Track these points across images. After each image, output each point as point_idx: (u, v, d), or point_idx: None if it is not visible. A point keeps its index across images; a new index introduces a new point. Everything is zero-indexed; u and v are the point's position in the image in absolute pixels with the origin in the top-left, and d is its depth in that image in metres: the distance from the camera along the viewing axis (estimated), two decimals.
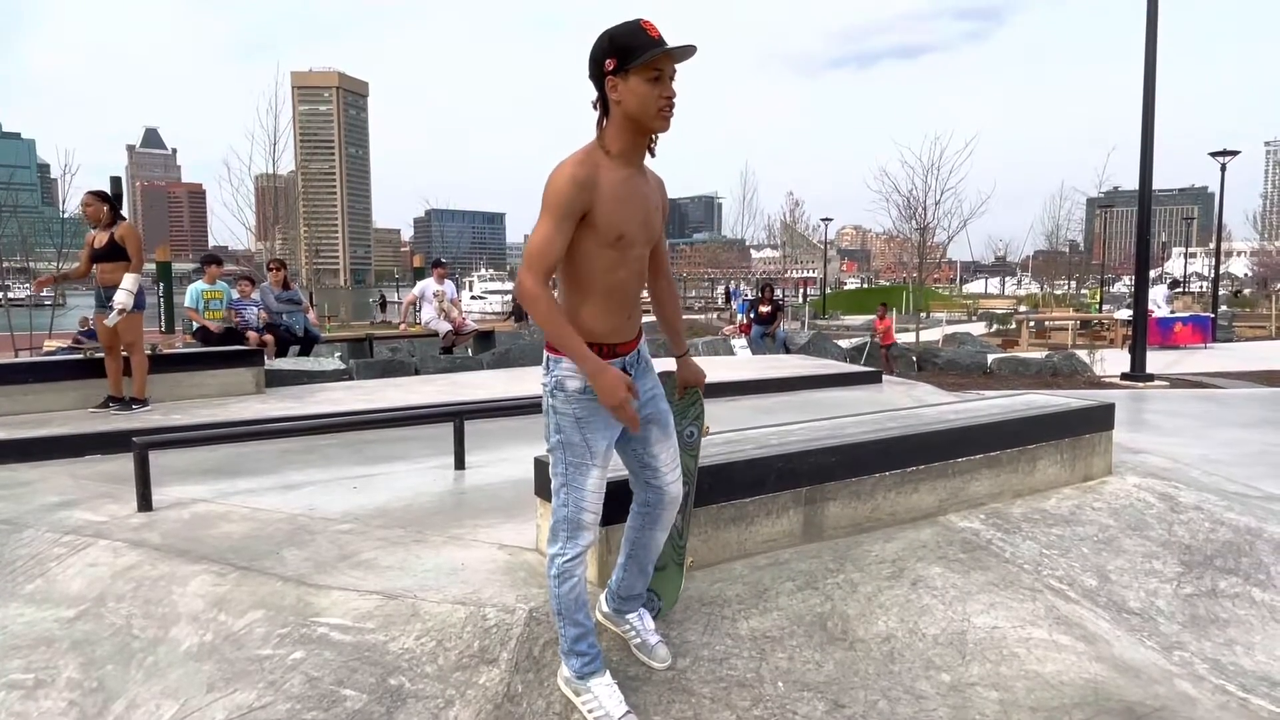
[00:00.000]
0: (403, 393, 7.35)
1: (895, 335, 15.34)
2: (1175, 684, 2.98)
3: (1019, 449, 4.30)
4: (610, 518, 2.83)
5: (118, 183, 15.89)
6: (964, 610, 3.23)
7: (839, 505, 3.63)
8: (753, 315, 14.54)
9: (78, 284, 9.37)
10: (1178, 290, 30.69)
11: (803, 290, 50.25)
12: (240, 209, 22.77)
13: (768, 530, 3.43)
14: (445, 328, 11.83)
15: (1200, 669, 3.11)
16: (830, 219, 52.78)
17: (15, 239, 20.00)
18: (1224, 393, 11.72)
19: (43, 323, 18.64)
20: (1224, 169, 27.01)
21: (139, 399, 6.36)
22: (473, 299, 39.49)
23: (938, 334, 22.15)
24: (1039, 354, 15.16)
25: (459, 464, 4.92)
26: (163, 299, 16.78)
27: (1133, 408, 10.45)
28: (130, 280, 6.19)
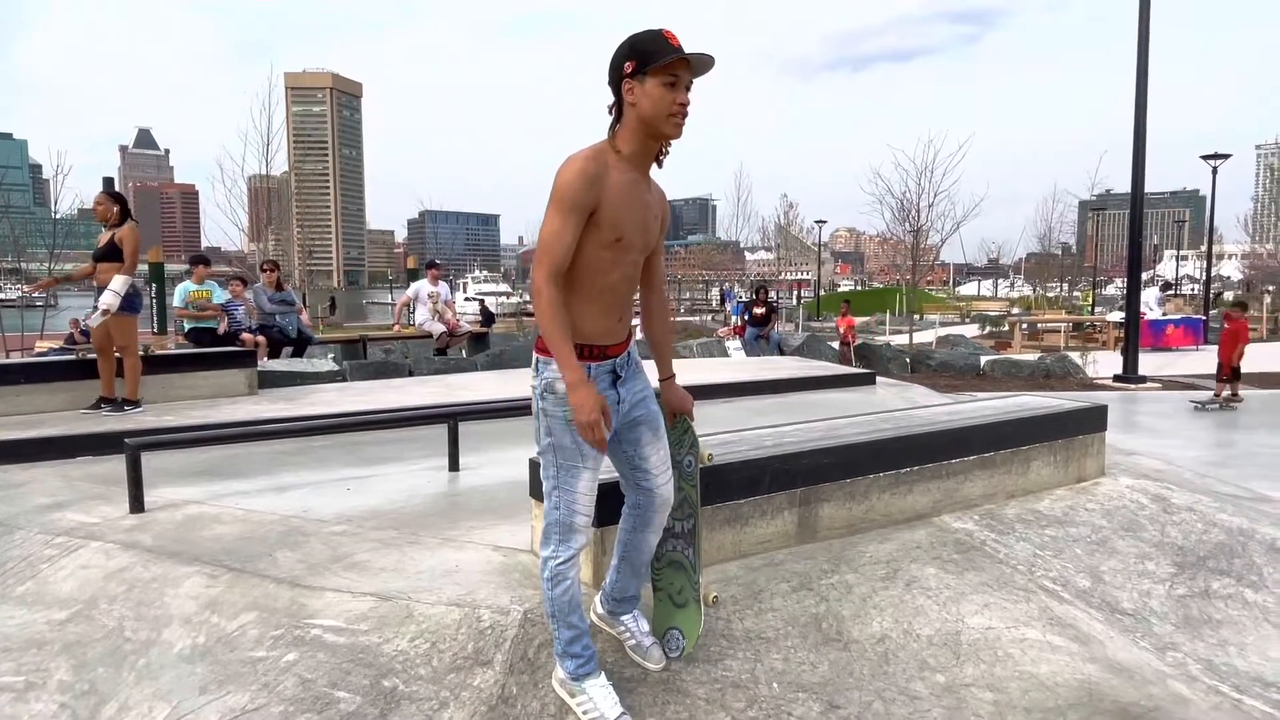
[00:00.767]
0: (397, 394, 7.33)
1: (857, 334, 15.71)
2: (1169, 685, 2.99)
3: (1012, 450, 4.31)
4: (604, 519, 2.82)
5: (110, 183, 15.85)
6: (958, 611, 3.24)
7: (833, 506, 3.64)
8: (747, 317, 14.56)
9: (77, 285, 9.35)
10: (1169, 293, 30.81)
11: (797, 292, 50.34)
12: (233, 210, 22.77)
13: (763, 531, 3.43)
14: (439, 329, 11.84)
15: (1194, 670, 3.12)
16: (824, 221, 52.79)
17: (7, 240, 19.91)
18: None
19: (34, 324, 18.56)
20: (1215, 172, 27.19)
21: (131, 400, 6.34)
22: (466, 300, 39.45)
23: (931, 336, 22.21)
24: (1032, 356, 15.22)
25: (453, 465, 4.91)
26: (155, 300, 16.71)
27: (1125, 409, 10.50)
28: (119, 282, 6.13)
